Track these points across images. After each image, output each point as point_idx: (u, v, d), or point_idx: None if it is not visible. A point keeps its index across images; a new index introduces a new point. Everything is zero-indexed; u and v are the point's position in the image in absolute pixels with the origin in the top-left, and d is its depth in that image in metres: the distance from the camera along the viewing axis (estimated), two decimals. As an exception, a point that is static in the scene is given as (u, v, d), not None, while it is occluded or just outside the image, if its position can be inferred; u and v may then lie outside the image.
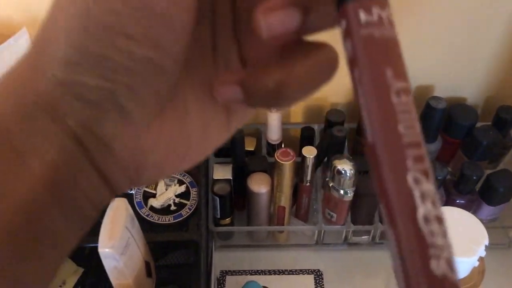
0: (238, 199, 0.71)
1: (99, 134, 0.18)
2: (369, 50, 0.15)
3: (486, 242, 0.47)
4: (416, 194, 0.14)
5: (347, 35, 0.15)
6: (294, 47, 0.19)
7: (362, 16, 0.15)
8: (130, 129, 0.18)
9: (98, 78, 0.17)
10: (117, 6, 0.16)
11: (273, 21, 0.17)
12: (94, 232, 0.46)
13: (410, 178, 0.14)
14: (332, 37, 0.19)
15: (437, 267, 0.13)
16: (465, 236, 0.48)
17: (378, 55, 0.15)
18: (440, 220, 0.14)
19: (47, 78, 0.17)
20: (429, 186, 0.14)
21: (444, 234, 0.14)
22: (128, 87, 0.17)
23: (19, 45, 0.62)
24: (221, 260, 0.70)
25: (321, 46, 0.18)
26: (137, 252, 0.54)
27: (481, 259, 0.49)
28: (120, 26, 0.16)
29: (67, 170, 0.17)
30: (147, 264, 0.57)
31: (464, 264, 0.48)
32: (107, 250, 0.48)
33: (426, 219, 0.14)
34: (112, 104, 0.17)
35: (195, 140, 0.21)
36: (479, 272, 0.51)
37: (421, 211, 0.14)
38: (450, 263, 0.14)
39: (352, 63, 0.15)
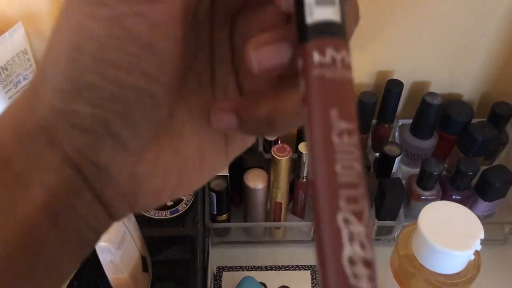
0: (235, 195, 0.71)
1: (95, 160, 0.18)
2: (318, 90, 0.15)
3: (482, 235, 0.48)
4: (344, 234, 0.14)
5: (302, 73, 0.16)
6: (288, 77, 0.19)
7: (316, 57, 0.15)
8: (126, 155, 0.18)
9: (91, 107, 0.17)
10: (101, 38, 0.16)
11: (264, 56, 0.17)
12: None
13: (340, 217, 0.14)
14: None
15: None
16: (461, 230, 0.48)
17: (325, 96, 0.15)
18: (368, 263, 0.13)
19: (45, 106, 0.17)
20: (359, 228, 0.14)
21: (371, 278, 0.13)
22: (120, 115, 0.18)
23: (15, 39, 0.61)
24: (217, 256, 0.70)
25: None
26: (133, 246, 0.54)
27: (477, 253, 0.49)
28: (106, 57, 0.17)
29: (66, 195, 0.18)
30: (143, 259, 0.57)
31: (461, 258, 0.48)
32: (103, 244, 0.48)
33: (351, 261, 0.13)
34: (105, 131, 0.18)
35: (192, 166, 0.21)
36: (475, 266, 0.51)
37: (346, 252, 0.13)
38: None
39: (303, 101, 0.16)
